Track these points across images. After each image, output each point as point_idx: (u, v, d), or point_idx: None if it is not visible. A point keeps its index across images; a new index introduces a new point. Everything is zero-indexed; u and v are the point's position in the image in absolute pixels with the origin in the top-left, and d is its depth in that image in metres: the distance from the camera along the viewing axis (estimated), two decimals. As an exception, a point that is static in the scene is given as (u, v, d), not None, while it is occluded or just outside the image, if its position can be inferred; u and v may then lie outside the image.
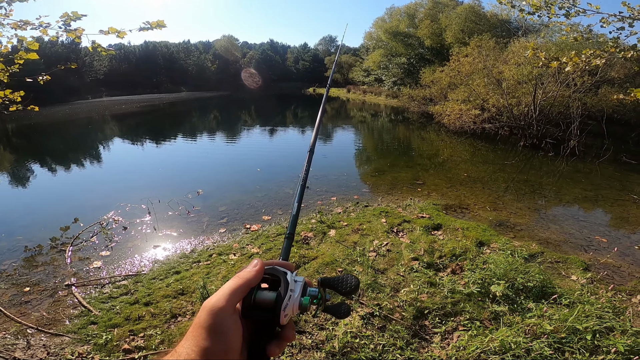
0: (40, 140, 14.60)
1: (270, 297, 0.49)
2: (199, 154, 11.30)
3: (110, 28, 3.12)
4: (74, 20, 3.08)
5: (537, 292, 2.99)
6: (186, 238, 4.55)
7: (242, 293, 0.47)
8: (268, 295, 0.49)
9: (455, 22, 23.83)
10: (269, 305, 0.48)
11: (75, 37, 3.19)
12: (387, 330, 2.68)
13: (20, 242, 4.44)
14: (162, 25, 3.19)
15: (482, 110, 13.93)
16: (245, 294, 0.47)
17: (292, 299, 0.49)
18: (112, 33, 3.16)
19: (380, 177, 7.69)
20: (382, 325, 2.74)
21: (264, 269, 0.51)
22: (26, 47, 3.31)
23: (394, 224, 4.72)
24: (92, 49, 3.48)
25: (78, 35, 3.18)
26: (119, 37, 3.25)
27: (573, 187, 7.16)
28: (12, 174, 8.89)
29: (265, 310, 0.48)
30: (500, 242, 4.16)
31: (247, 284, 0.48)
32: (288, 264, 0.55)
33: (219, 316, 0.44)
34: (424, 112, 20.76)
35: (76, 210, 5.48)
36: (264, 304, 0.48)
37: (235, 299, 0.46)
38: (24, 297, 3.31)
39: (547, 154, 10.33)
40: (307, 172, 0.81)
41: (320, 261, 3.75)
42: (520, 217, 5.33)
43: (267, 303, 0.48)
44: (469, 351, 2.38)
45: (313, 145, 0.90)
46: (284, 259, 0.59)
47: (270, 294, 0.49)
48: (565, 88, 11.23)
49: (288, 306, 0.48)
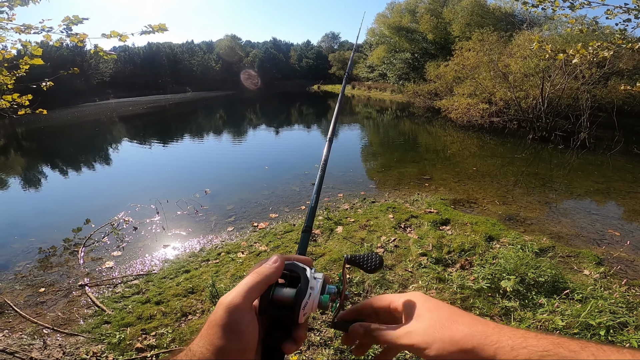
0: (50, 143, 14.84)
1: (289, 295, 0.47)
2: (205, 153, 11.38)
3: (112, 32, 3.12)
4: (76, 24, 3.08)
5: (548, 287, 2.95)
6: (195, 237, 4.59)
7: (260, 290, 0.45)
8: (287, 293, 0.47)
9: (461, 15, 23.54)
10: (288, 303, 0.46)
11: (77, 42, 3.21)
12: (397, 326, 2.68)
13: (33, 243, 4.52)
14: (164, 29, 3.17)
15: (489, 103, 13.77)
16: (263, 291, 0.46)
17: (312, 297, 0.47)
18: (114, 37, 3.16)
19: (386, 172, 7.65)
20: (391, 322, 2.74)
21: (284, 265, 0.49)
22: (30, 52, 3.34)
23: (402, 219, 4.70)
24: (94, 52, 3.52)
25: (81, 40, 3.20)
26: (121, 41, 3.25)
27: (584, 180, 7.05)
28: (23, 177, 9.05)
29: (284, 307, 0.46)
30: (510, 237, 4.12)
31: (265, 280, 0.46)
32: (307, 259, 0.52)
33: (235, 314, 0.42)
34: (429, 106, 20.60)
35: (87, 211, 5.56)
36: (282, 302, 0.46)
37: (252, 296, 0.44)
38: (39, 297, 3.38)
39: (557, 146, 10.18)
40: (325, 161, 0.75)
41: (328, 258, 3.75)
42: (531, 211, 5.26)
43: (286, 300, 0.46)
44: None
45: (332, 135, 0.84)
46: (301, 253, 0.57)
47: (289, 291, 0.47)
48: (573, 80, 11.04)
49: (308, 304, 0.46)
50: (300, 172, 7.46)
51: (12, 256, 4.24)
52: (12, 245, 4.52)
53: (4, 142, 15.72)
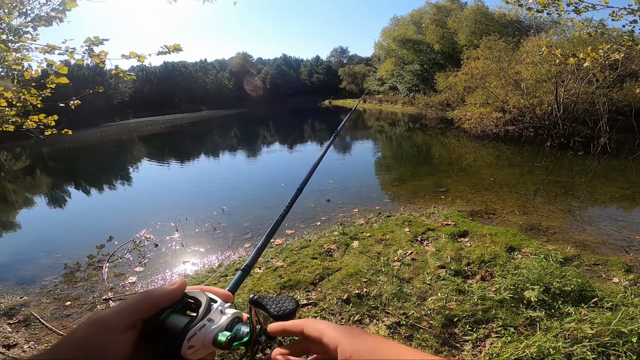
0: (74, 162, 15.48)
1: (180, 322, 0.41)
2: (221, 171, 11.62)
3: (131, 52, 3.26)
4: (97, 45, 3.20)
5: (575, 296, 2.86)
6: (213, 253, 4.66)
7: (142, 310, 0.40)
8: (179, 320, 0.41)
9: (465, 24, 23.63)
10: (175, 331, 0.40)
11: (99, 62, 3.32)
12: (415, 339, 2.63)
13: (59, 259, 4.69)
14: (179, 49, 3.31)
15: (503, 112, 13.62)
16: (148, 312, 0.40)
17: (204, 329, 0.40)
18: (133, 57, 3.28)
19: (401, 186, 7.62)
20: (409, 334, 2.69)
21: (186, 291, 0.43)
22: (56, 71, 3.42)
23: (418, 232, 4.65)
24: (114, 73, 3.65)
25: (102, 60, 3.30)
26: (140, 61, 3.37)
27: (608, 186, 6.82)
28: (49, 196, 9.45)
29: (170, 335, 0.40)
30: (532, 247, 4.01)
31: (151, 300, 0.40)
32: (226, 294, 0.47)
33: (97, 328, 0.37)
34: (442, 117, 20.52)
35: (110, 228, 5.74)
36: (172, 329, 0.40)
37: (129, 315, 0.39)
38: (65, 310, 3.49)
39: (577, 153, 9.92)
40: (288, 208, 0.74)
41: (344, 272, 3.74)
42: (553, 220, 5.12)
43: (175, 328, 0.40)
44: (503, 358, 2.29)
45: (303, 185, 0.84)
46: (230, 290, 0.51)
47: (183, 318, 0.41)
48: (587, 84, 10.83)
49: (197, 336, 0.40)
50: (315, 189, 7.50)
51: (40, 271, 4.41)
52: (40, 261, 4.70)
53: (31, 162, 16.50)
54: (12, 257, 5.07)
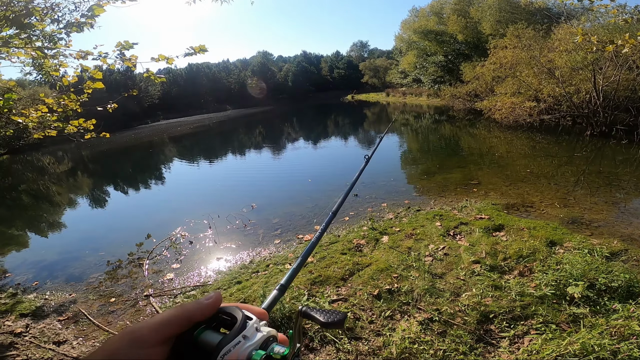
0: (112, 164, 16.36)
1: (214, 339, 0.40)
2: (249, 168, 11.87)
3: (160, 55, 3.36)
4: (127, 49, 3.31)
5: (622, 293, 2.69)
6: (245, 250, 4.78)
7: (177, 325, 0.39)
8: (213, 337, 0.40)
9: (489, 12, 22.58)
10: (209, 347, 0.39)
11: (131, 65, 3.43)
12: (448, 335, 2.57)
13: (103, 257, 4.99)
14: (204, 50, 3.37)
15: (537, 101, 12.95)
16: (182, 327, 0.39)
17: (239, 347, 0.39)
18: (162, 60, 3.37)
19: (430, 179, 7.45)
20: (442, 330, 2.64)
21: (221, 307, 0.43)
22: (91, 76, 3.54)
23: (450, 227, 4.54)
24: (146, 76, 3.68)
25: (134, 63, 3.41)
26: (168, 63, 3.44)
27: (656, 176, 6.34)
28: (91, 196, 10.06)
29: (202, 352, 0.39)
30: (575, 241, 3.81)
31: (186, 315, 0.40)
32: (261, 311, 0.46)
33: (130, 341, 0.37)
34: (470, 108, 19.81)
35: (148, 226, 6.03)
36: (205, 346, 0.39)
37: (164, 330, 0.38)
38: (110, 307, 3.70)
39: (620, 141, 9.29)
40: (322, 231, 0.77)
41: (375, 268, 3.72)
42: (597, 213, 4.83)
43: (208, 344, 0.39)
44: (543, 355, 2.20)
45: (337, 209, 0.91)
46: (266, 308, 0.51)
47: (217, 335, 0.40)
48: (627, 71, 10.08)
49: (231, 353, 0.38)
50: (342, 184, 7.49)
51: (86, 268, 4.71)
52: (85, 259, 5.02)
53: (73, 165, 17.61)
54: (60, 255, 5.45)
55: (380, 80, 52.18)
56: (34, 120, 3.85)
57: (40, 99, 4.01)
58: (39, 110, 3.89)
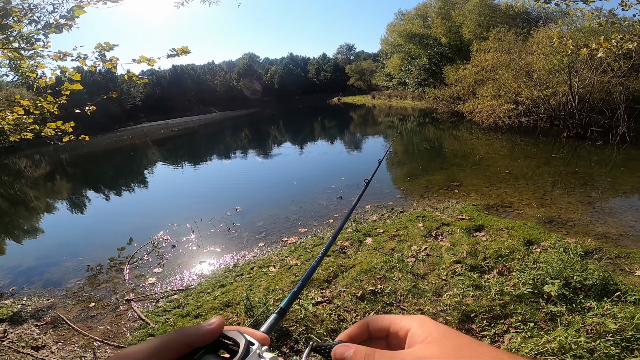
0: (92, 168, 15.91)
1: None
2: (234, 172, 11.75)
3: (141, 57, 3.27)
4: (107, 51, 3.22)
5: (597, 290, 2.79)
6: (229, 253, 4.73)
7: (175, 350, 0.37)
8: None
9: (469, 17, 23.17)
10: None
11: (111, 67, 3.34)
12: (432, 335, 2.61)
13: (82, 262, 4.84)
14: (187, 51, 3.31)
15: (515, 104, 13.35)
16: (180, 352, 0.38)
17: None
18: (143, 61, 3.29)
19: (413, 181, 7.56)
20: (427, 330, 2.68)
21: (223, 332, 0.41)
22: (69, 77, 3.45)
23: (432, 227, 4.62)
24: (127, 77, 3.62)
25: (114, 65, 3.32)
26: (150, 65, 3.36)
27: (629, 176, 6.62)
28: (70, 201, 9.74)
29: None
30: (551, 240, 3.94)
31: (184, 341, 0.38)
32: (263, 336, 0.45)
33: None
34: (453, 111, 20.23)
35: (130, 231, 5.89)
36: None
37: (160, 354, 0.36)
38: (89, 312, 3.61)
39: (595, 143, 9.66)
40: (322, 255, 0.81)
41: (358, 269, 3.74)
42: (572, 212, 5.00)
43: None
44: (523, 353, 2.27)
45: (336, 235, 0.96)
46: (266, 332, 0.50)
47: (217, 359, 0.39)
48: (602, 74, 10.52)
49: None
50: (327, 186, 7.52)
51: (64, 274, 4.57)
52: (64, 264, 4.87)
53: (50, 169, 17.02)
54: (38, 260, 5.26)
55: (366, 83, 52.67)
56: (10, 123, 3.72)
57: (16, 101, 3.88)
58: (15, 112, 3.75)
